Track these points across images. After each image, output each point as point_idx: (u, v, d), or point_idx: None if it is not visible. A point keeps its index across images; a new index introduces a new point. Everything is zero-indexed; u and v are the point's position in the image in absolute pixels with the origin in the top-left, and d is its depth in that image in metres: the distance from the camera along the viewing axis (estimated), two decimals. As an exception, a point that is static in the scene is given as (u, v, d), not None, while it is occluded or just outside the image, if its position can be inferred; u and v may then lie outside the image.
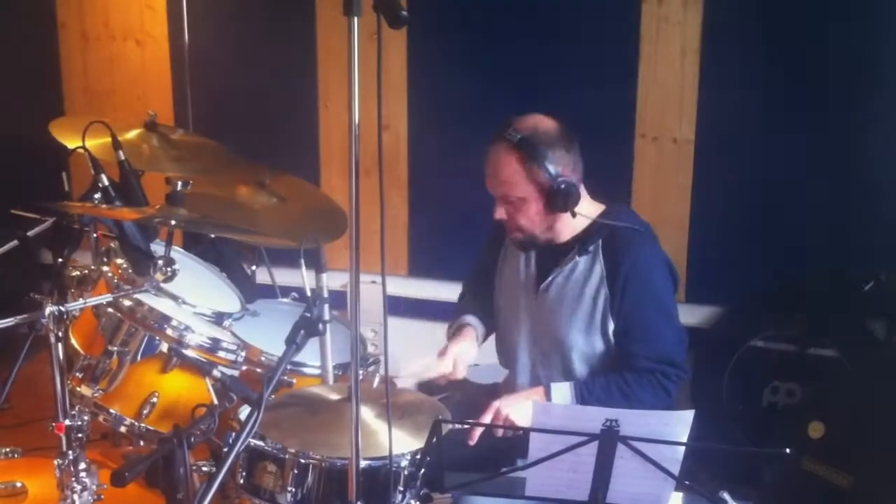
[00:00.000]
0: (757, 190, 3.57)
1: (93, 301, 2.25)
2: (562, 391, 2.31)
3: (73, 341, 2.41)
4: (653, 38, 3.59)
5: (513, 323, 2.52)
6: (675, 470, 1.78)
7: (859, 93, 3.39)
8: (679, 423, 1.77)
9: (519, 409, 2.23)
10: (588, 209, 2.40)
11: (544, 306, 2.43)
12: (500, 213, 2.37)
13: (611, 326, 2.34)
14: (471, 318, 2.61)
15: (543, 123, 2.32)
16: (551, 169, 2.27)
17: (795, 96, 3.46)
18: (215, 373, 2.27)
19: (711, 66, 3.54)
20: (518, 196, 2.32)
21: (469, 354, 2.50)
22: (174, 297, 2.47)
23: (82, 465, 1.95)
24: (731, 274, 3.65)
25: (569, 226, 2.40)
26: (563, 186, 2.28)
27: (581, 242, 2.38)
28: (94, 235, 2.54)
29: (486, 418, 2.26)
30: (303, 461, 1.99)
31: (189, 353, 2.32)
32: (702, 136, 3.61)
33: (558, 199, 2.29)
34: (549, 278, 2.41)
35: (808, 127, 3.46)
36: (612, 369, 2.35)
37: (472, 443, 2.22)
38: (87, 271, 2.49)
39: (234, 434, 1.87)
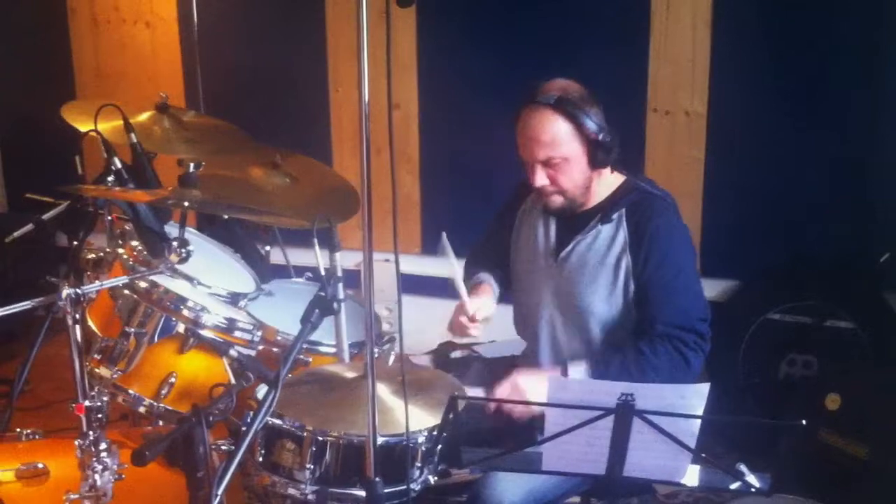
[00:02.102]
0: (771, 162, 3.55)
1: (109, 283, 2.27)
2: (578, 370, 2.30)
3: (91, 323, 2.43)
4: (663, 11, 3.56)
5: (532, 291, 2.51)
6: (692, 443, 1.79)
7: (877, 61, 3.36)
8: (695, 396, 1.77)
9: (535, 385, 2.23)
10: (611, 178, 2.40)
11: (564, 274, 2.42)
12: (542, 179, 2.34)
13: (632, 293, 2.33)
14: (486, 276, 2.60)
15: (571, 85, 2.32)
16: (595, 122, 2.28)
17: (809, 68, 3.43)
18: (232, 352, 2.29)
19: (723, 39, 3.51)
20: (563, 156, 2.30)
21: (487, 309, 2.46)
22: (189, 279, 2.48)
23: (103, 446, 1.96)
24: (747, 247, 3.63)
25: (597, 190, 2.40)
26: (607, 139, 2.29)
27: (604, 211, 2.37)
28: (109, 218, 2.55)
29: (504, 390, 2.25)
30: (320, 438, 2.01)
31: (205, 333, 2.33)
32: (714, 109, 3.58)
33: (601, 153, 2.30)
34: (570, 246, 2.40)
35: (823, 99, 3.43)
36: (631, 338, 2.34)
37: (489, 412, 2.23)
38: (102, 254, 2.50)
39: (252, 413, 1.89)
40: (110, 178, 2.44)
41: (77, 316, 1.97)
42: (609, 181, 2.40)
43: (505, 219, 2.61)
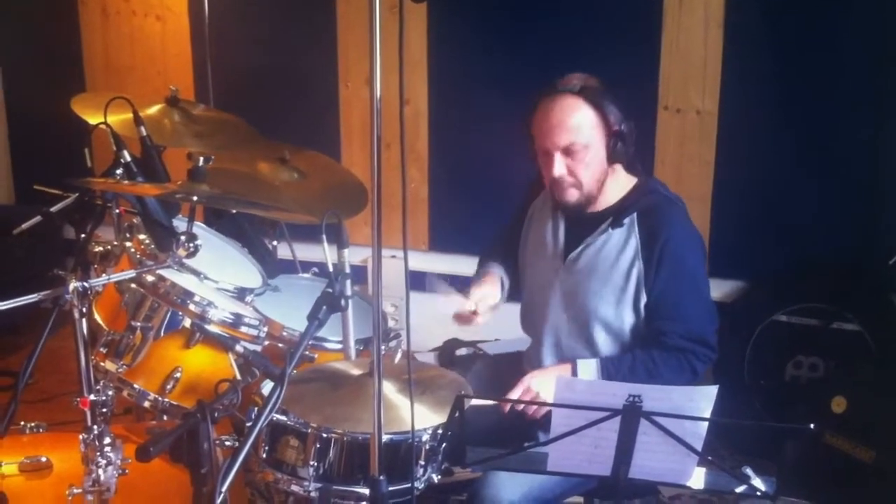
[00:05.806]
0: (781, 162, 3.53)
1: (116, 277, 2.26)
2: (588, 367, 2.29)
3: (97, 317, 2.42)
4: (676, 9, 3.55)
5: (540, 292, 2.49)
6: (699, 445, 1.78)
7: (886, 62, 3.34)
8: (703, 399, 1.76)
9: (548, 386, 2.21)
10: (623, 179, 2.38)
11: (573, 276, 2.40)
12: (560, 168, 2.30)
13: (643, 300, 2.31)
14: (495, 267, 2.59)
15: (590, 78, 2.32)
16: (616, 111, 2.27)
17: (820, 67, 3.42)
18: (238, 348, 2.28)
19: (735, 38, 3.50)
20: (585, 143, 2.27)
21: (492, 298, 2.46)
22: (196, 273, 2.47)
23: (107, 440, 1.96)
24: (754, 248, 3.62)
25: (608, 191, 2.37)
26: (624, 129, 2.27)
27: (614, 215, 2.35)
28: (117, 211, 2.54)
29: (516, 393, 2.25)
30: (325, 435, 2.01)
31: (212, 328, 2.33)
32: (725, 108, 3.57)
33: (620, 145, 2.28)
34: (579, 248, 2.38)
35: (832, 98, 3.42)
36: (640, 345, 2.33)
37: (504, 413, 2.23)
38: (109, 247, 2.50)
39: (256, 409, 1.88)
40: (119, 171, 2.43)
41: (83, 309, 1.97)
42: (621, 182, 2.37)
43: (517, 218, 2.60)
